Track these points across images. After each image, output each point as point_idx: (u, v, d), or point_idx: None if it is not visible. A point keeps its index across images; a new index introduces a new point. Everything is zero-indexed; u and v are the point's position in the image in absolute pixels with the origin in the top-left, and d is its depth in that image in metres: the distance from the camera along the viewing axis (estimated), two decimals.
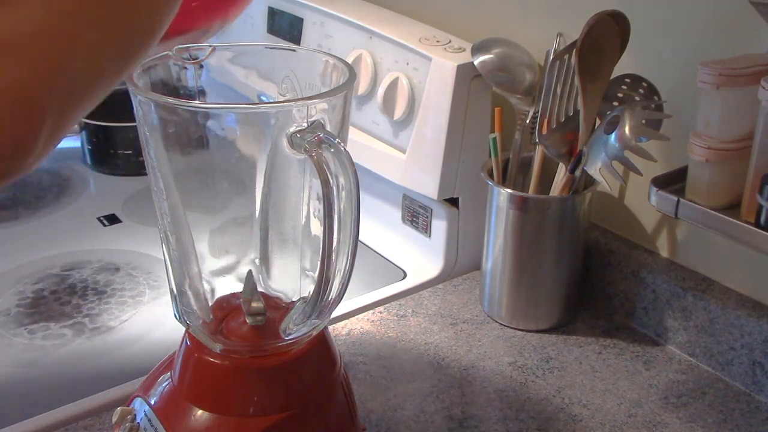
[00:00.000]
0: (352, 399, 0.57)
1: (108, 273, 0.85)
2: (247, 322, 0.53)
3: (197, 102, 0.54)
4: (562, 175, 0.74)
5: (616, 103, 0.72)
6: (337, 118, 0.49)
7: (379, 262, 0.89)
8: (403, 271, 0.87)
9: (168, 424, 0.52)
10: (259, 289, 0.55)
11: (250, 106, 0.51)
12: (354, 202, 0.46)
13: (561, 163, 0.74)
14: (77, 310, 0.79)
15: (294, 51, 0.59)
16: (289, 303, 0.56)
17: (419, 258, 0.88)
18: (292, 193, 0.53)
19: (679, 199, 0.62)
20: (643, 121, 0.67)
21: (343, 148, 0.45)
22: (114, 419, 0.56)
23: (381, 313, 0.80)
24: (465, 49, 0.81)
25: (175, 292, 0.54)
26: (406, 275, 0.86)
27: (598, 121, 0.71)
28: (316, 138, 0.45)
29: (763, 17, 0.64)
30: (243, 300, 0.54)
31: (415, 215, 0.88)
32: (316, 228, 0.52)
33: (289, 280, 0.56)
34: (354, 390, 0.58)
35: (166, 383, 0.54)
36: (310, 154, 0.45)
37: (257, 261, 0.55)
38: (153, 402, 0.54)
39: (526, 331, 0.77)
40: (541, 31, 0.81)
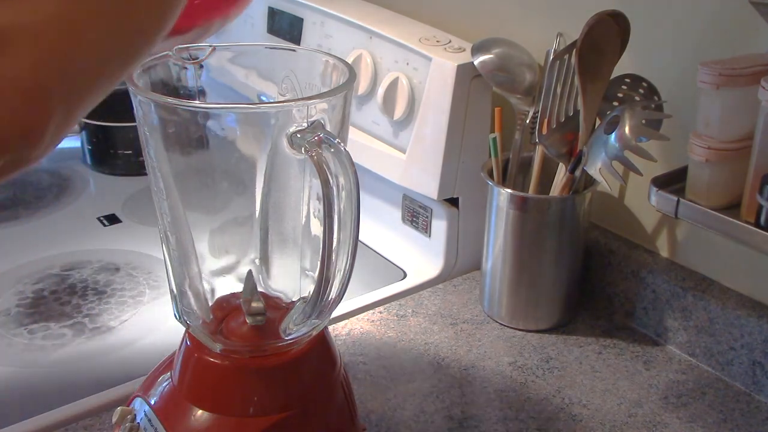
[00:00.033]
0: (352, 399, 0.57)
1: (108, 273, 0.85)
2: (247, 322, 0.53)
3: (197, 102, 0.54)
4: (562, 175, 0.74)
5: (616, 103, 0.72)
6: (337, 118, 0.49)
7: (379, 262, 0.89)
8: (403, 271, 0.87)
9: (168, 424, 0.52)
10: (259, 289, 0.55)
11: (250, 106, 0.51)
12: (354, 202, 0.46)
13: (561, 163, 0.74)
14: (77, 310, 0.79)
15: (294, 51, 0.59)
16: (289, 303, 0.56)
17: (419, 258, 0.88)
18: (292, 193, 0.53)
19: (679, 199, 0.62)
20: (643, 121, 0.67)
21: (343, 148, 0.45)
22: (114, 419, 0.56)
23: (381, 313, 0.80)
24: (465, 49, 0.80)
25: (175, 292, 0.54)
26: (406, 275, 0.86)
27: (598, 121, 0.71)
28: (316, 138, 0.45)
29: (763, 17, 0.64)
30: (243, 300, 0.54)
31: (415, 215, 0.88)
32: (316, 228, 0.52)
33: (289, 280, 0.56)
34: (354, 390, 0.58)
35: (166, 383, 0.54)
36: (310, 154, 0.45)
37: (257, 261, 0.55)
38: (153, 402, 0.54)
39: (526, 331, 0.77)
40: (541, 31, 0.81)
